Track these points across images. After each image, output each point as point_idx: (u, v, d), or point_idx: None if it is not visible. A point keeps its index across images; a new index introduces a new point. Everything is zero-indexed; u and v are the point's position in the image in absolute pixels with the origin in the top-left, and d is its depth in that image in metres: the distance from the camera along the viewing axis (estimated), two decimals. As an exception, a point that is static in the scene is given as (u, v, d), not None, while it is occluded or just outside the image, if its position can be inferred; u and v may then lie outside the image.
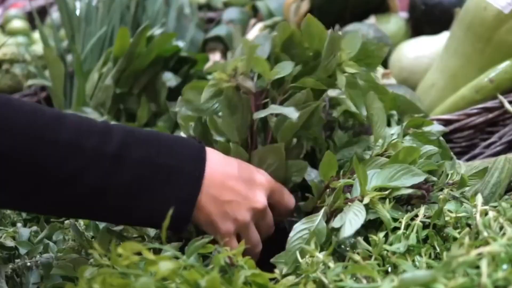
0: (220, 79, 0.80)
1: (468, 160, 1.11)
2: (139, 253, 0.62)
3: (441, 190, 0.82)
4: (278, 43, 0.83)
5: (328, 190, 0.81)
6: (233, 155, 0.84)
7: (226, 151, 0.84)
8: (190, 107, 0.85)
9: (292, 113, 0.76)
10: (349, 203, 0.75)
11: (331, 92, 0.85)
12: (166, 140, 0.77)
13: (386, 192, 0.76)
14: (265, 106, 0.82)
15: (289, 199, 0.85)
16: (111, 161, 0.72)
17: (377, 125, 0.82)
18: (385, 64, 1.46)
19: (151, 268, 0.61)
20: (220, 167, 0.78)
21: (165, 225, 0.61)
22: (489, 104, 1.16)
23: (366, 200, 0.74)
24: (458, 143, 1.16)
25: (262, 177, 0.82)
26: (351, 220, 0.71)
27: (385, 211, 0.74)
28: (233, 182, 0.78)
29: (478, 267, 0.57)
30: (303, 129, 0.85)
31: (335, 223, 0.74)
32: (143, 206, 0.74)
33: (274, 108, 0.79)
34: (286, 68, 0.81)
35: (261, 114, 0.79)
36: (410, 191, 0.77)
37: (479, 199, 0.71)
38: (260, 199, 0.80)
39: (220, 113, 0.85)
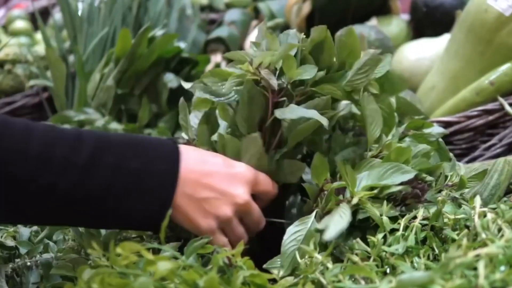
0: (247, 71, 0.79)
1: (468, 162, 1.11)
2: (138, 253, 0.62)
3: (440, 191, 0.82)
4: (308, 45, 0.83)
5: (322, 193, 0.81)
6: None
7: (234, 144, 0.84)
8: (207, 90, 0.83)
9: (324, 120, 0.76)
10: (340, 205, 0.76)
11: (348, 107, 0.86)
12: (139, 143, 0.77)
13: (375, 191, 0.77)
14: (279, 104, 0.82)
15: (272, 187, 0.84)
16: (83, 170, 0.71)
17: (372, 126, 0.82)
18: (386, 66, 1.46)
19: (150, 268, 0.61)
20: (196, 164, 0.78)
21: (163, 226, 0.62)
22: (489, 106, 1.16)
23: (355, 200, 0.75)
24: (458, 145, 1.16)
25: (242, 170, 0.81)
26: (336, 222, 0.71)
27: (374, 210, 0.74)
28: (211, 179, 0.78)
29: (475, 268, 0.57)
30: (313, 134, 0.85)
31: (320, 225, 0.74)
32: (120, 211, 0.75)
33: (306, 112, 0.78)
34: (310, 71, 0.80)
35: (290, 115, 0.78)
36: (400, 188, 0.77)
37: (478, 201, 0.71)
38: (241, 194, 0.79)
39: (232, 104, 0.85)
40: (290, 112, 0.78)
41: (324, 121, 0.76)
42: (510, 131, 1.13)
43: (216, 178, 0.78)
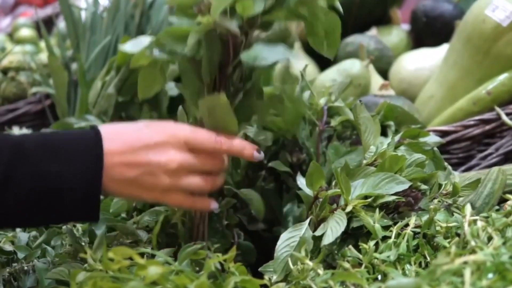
0: (208, 24, 0.74)
1: (464, 171, 1.12)
2: (132, 258, 0.63)
3: (433, 200, 0.83)
4: None
5: (317, 200, 0.81)
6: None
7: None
8: (165, 50, 0.80)
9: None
10: (335, 212, 0.76)
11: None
12: (57, 143, 0.75)
13: (369, 200, 0.77)
14: (238, 44, 0.78)
15: (207, 138, 0.79)
16: (1, 183, 0.71)
17: (365, 134, 0.83)
18: (385, 76, 1.47)
19: (142, 273, 0.62)
20: (118, 145, 0.76)
21: (155, 231, 0.63)
22: (486, 116, 1.17)
23: (349, 208, 0.75)
24: (455, 154, 1.17)
25: (168, 132, 0.78)
26: (332, 228, 0.72)
27: (368, 218, 0.75)
28: (134, 155, 0.76)
29: (463, 275, 0.58)
30: None
31: (318, 231, 0.75)
32: (52, 213, 0.75)
33: (278, 54, 0.73)
34: (259, 1, 0.75)
35: (263, 61, 0.73)
36: (393, 198, 0.78)
37: (468, 209, 0.71)
38: (171, 157, 0.77)
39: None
40: (262, 57, 0.73)
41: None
42: (506, 141, 1.14)
43: (141, 151, 0.76)
